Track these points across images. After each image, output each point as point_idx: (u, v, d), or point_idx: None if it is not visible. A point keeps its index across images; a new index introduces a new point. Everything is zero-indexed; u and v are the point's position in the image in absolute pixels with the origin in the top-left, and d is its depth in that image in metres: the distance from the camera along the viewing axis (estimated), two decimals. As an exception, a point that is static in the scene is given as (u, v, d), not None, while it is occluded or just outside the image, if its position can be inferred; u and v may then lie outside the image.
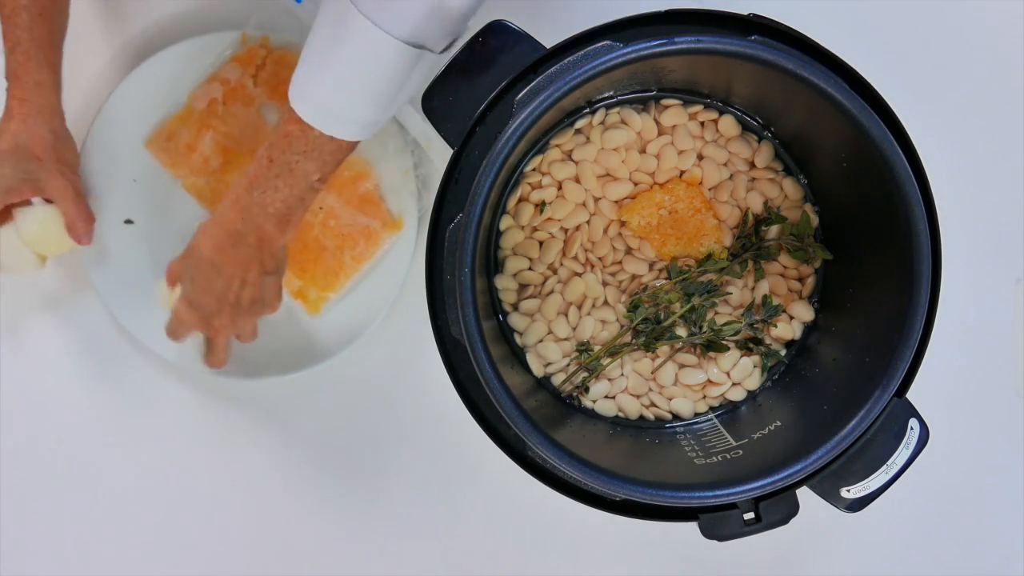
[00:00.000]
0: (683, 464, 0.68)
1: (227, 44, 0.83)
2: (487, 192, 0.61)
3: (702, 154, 0.74)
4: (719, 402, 0.75)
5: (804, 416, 0.68)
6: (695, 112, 0.73)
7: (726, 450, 0.68)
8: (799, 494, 0.65)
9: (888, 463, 0.64)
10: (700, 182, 0.74)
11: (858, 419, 0.62)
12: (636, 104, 0.74)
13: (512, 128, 0.61)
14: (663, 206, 0.73)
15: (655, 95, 0.73)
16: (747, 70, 0.64)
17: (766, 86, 0.67)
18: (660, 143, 0.73)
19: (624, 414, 0.74)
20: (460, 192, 0.67)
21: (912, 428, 0.64)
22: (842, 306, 0.72)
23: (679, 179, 0.74)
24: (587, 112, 0.73)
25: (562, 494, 0.67)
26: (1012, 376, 0.84)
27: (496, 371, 0.61)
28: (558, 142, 0.74)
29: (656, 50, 0.61)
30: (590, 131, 0.73)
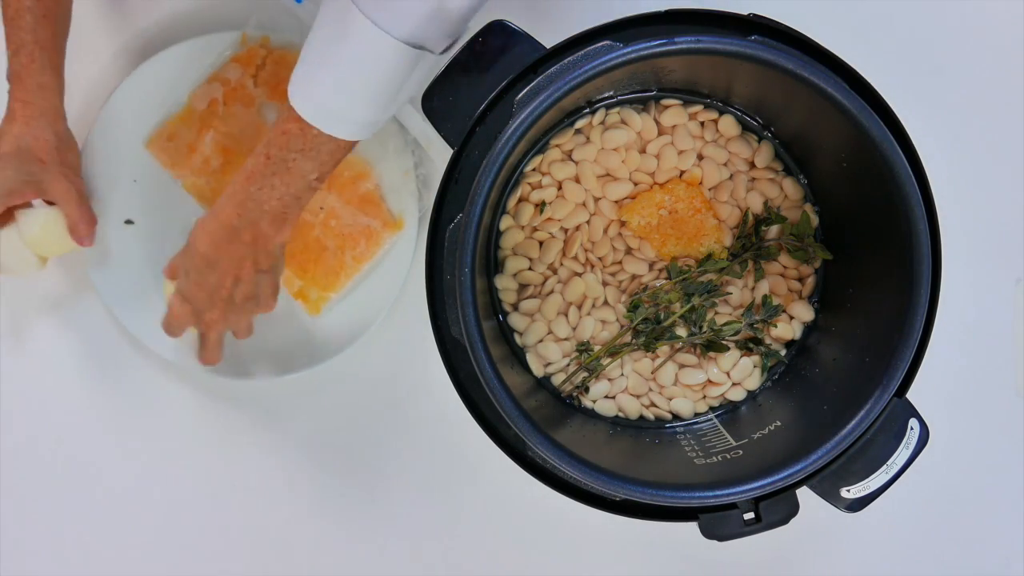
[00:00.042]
0: (683, 464, 0.68)
1: (227, 44, 0.83)
2: (487, 192, 0.61)
3: (702, 154, 0.74)
4: (719, 402, 0.75)
5: (804, 416, 0.68)
6: (695, 112, 0.73)
7: (726, 450, 0.68)
8: (799, 494, 0.65)
9: (888, 463, 0.64)
10: (700, 182, 0.74)
11: (858, 419, 0.62)
12: (636, 104, 0.74)
13: (512, 128, 0.61)
14: (663, 206, 0.73)
15: (655, 95, 0.73)
16: (747, 70, 0.64)
17: (766, 86, 0.67)
18: (660, 143, 0.73)
19: (624, 414, 0.74)
20: (460, 192, 0.67)
21: (912, 428, 0.64)
22: (842, 306, 0.72)
23: (679, 179, 0.74)
24: (587, 112, 0.73)
25: (562, 494, 0.67)
26: (1012, 376, 0.84)
27: (496, 371, 0.61)
28: (558, 142, 0.74)
29: (656, 50, 0.61)
30: (590, 131, 0.73)
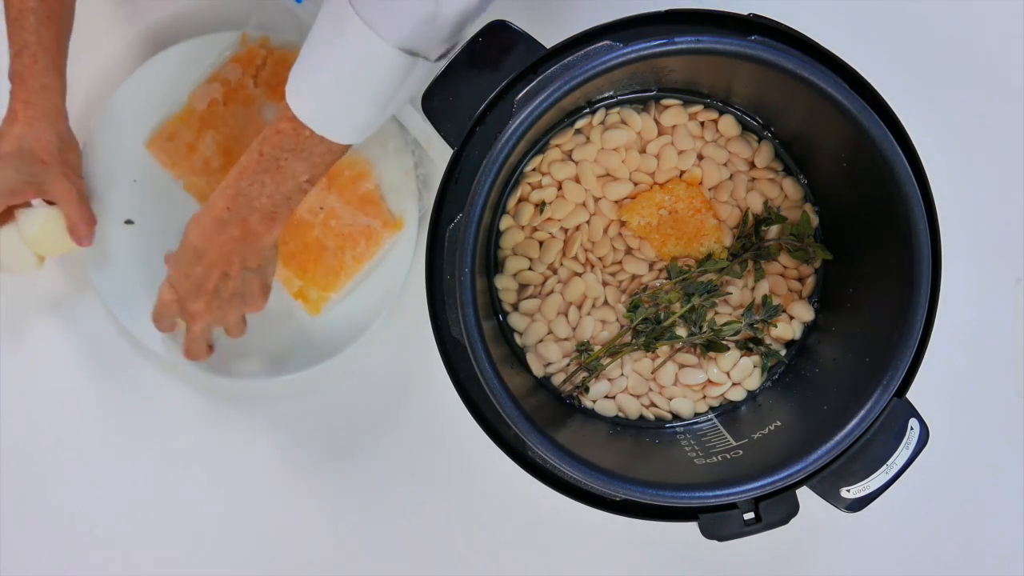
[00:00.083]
0: (683, 464, 0.68)
1: (227, 44, 0.83)
2: (487, 192, 0.61)
3: (702, 154, 0.74)
4: (719, 402, 0.75)
5: (804, 416, 0.68)
6: (695, 112, 0.73)
7: (726, 450, 0.68)
8: (799, 494, 0.65)
9: (888, 463, 0.64)
10: (700, 182, 0.74)
11: (858, 419, 0.62)
12: (636, 104, 0.74)
13: (512, 128, 0.61)
14: (663, 206, 0.73)
15: (655, 95, 0.73)
16: (747, 70, 0.64)
17: (766, 86, 0.67)
18: (660, 143, 0.73)
19: (624, 414, 0.74)
20: (460, 192, 0.67)
21: (912, 428, 0.64)
22: (842, 306, 0.72)
23: (679, 179, 0.74)
24: (587, 112, 0.73)
25: (562, 494, 0.67)
26: (1012, 376, 0.84)
27: (496, 371, 0.61)
28: (558, 142, 0.74)
29: (656, 50, 0.61)
30: (590, 131, 0.73)
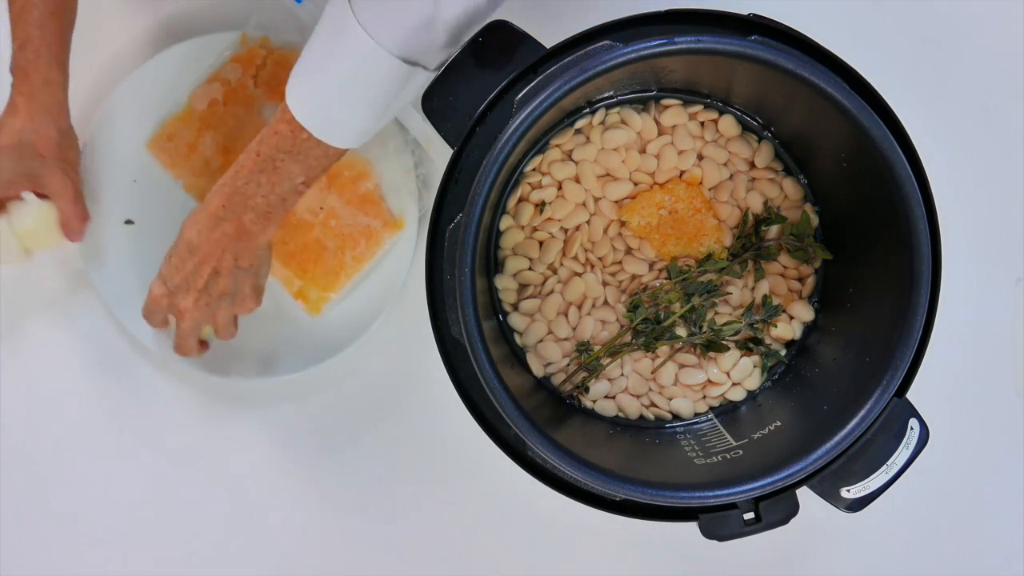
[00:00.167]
0: (683, 464, 0.68)
1: (227, 44, 0.83)
2: (487, 192, 0.61)
3: (702, 154, 0.74)
4: (719, 402, 0.75)
5: (804, 416, 0.68)
6: (695, 112, 0.73)
7: (726, 450, 0.68)
8: (799, 494, 0.65)
9: (888, 463, 0.64)
10: (700, 182, 0.74)
11: (858, 419, 0.62)
12: (636, 104, 0.74)
13: (512, 128, 0.61)
14: (663, 206, 0.73)
15: (655, 95, 0.73)
16: (747, 70, 0.64)
17: (766, 86, 0.67)
18: (660, 143, 0.73)
19: (624, 414, 0.74)
20: (460, 192, 0.67)
21: (912, 428, 0.64)
22: (842, 306, 0.72)
23: (679, 179, 0.74)
24: (587, 112, 0.73)
25: (562, 494, 0.67)
26: (1012, 376, 0.84)
27: (496, 371, 0.61)
28: (558, 142, 0.74)
29: (656, 50, 0.61)
30: (590, 131, 0.73)
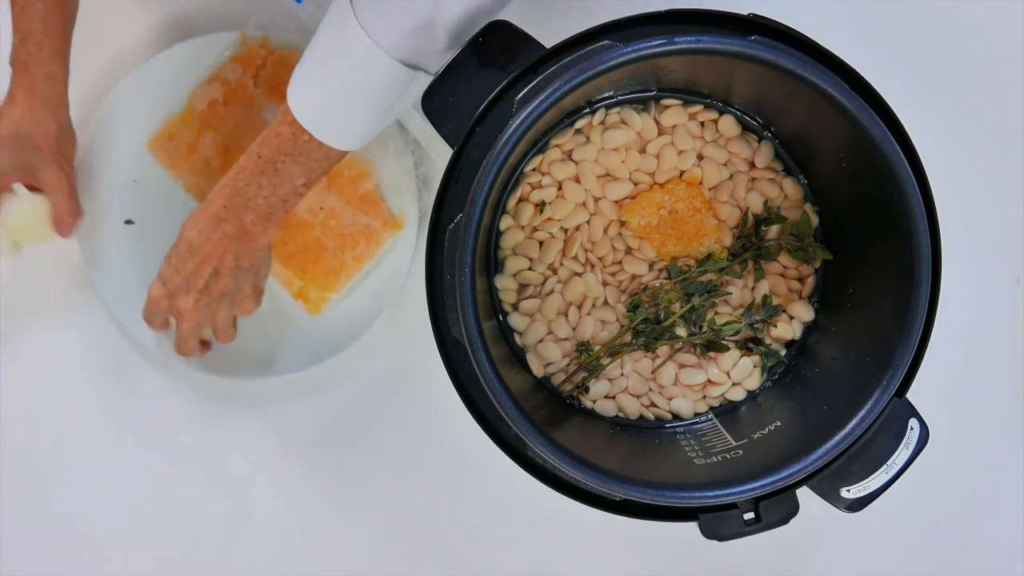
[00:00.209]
0: (683, 464, 0.68)
1: (227, 44, 0.83)
2: (487, 192, 0.61)
3: (702, 154, 0.74)
4: (719, 402, 0.75)
5: (804, 416, 0.68)
6: (695, 112, 0.73)
7: (726, 450, 0.68)
8: (799, 494, 0.65)
9: (888, 463, 0.64)
10: (700, 182, 0.74)
11: (858, 419, 0.62)
12: (636, 104, 0.74)
13: (512, 128, 0.61)
14: (663, 206, 0.73)
15: (655, 95, 0.73)
16: (747, 70, 0.64)
17: (766, 86, 0.67)
18: (660, 143, 0.73)
19: (624, 414, 0.74)
20: (460, 192, 0.67)
21: (912, 428, 0.64)
22: (842, 306, 0.72)
23: (679, 179, 0.74)
24: (587, 112, 0.73)
25: (562, 494, 0.67)
26: (1012, 376, 0.84)
27: (496, 371, 0.61)
28: (558, 142, 0.74)
29: (656, 50, 0.61)
30: (590, 131, 0.73)
